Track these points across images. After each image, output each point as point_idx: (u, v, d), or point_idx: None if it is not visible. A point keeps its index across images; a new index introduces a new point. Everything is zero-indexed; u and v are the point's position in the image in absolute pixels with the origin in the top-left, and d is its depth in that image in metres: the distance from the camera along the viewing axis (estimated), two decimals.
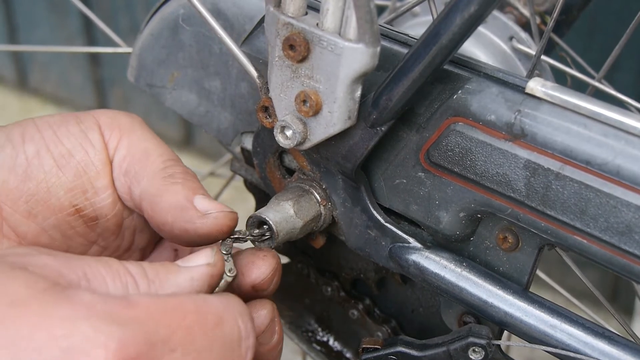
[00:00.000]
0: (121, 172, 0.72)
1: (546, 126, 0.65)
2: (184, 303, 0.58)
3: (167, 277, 0.62)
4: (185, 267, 0.63)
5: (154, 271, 0.61)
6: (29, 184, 0.70)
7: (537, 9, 0.94)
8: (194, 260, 0.64)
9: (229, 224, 0.69)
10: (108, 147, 0.72)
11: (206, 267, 0.64)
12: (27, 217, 0.70)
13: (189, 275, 0.63)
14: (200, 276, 0.63)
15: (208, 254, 0.64)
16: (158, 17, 0.86)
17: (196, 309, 0.58)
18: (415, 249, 0.74)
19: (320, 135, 0.70)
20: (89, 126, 0.73)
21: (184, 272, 0.63)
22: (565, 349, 0.68)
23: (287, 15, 0.68)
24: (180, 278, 0.62)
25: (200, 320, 0.58)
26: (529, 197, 0.66)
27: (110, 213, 0.73)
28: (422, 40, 0.65)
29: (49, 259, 0.58)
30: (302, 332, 0.93)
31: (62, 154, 0.71)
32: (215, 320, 0.59)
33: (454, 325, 0.78)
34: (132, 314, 0.55)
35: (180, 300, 0.58)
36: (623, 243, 0.63)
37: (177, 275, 0.62)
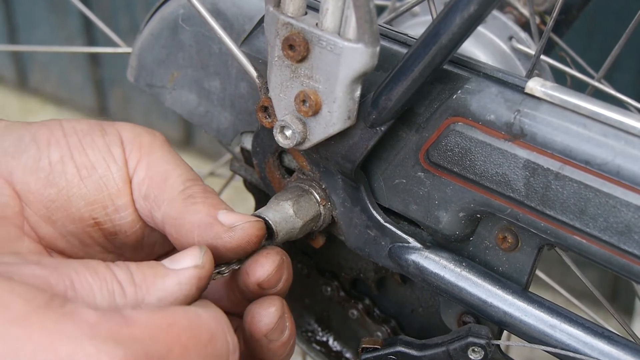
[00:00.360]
0: (140, 195, 0.71)
1: (546, 126, 0.65)
2: (179, 321, 0.58)
3: (155, 282, 0.61)
4: (172, 271, 0.62)
5: (141, 275, 0.61)
6: (50, 190, 0.69)
7: (537, 8, 0.94)
8: (182, 262, 0.63)
9: (257, 234, 0.68)
10: (128, 165, 0.72)
11: (194, 269, 0.62)
12: (46, 221, 0.70)
13: (176, 280, 0.62)
14: (188, 280, 0.62)
15: (196, 254, 0.63)
16: (158, 17, 0.86)
17: (190, 326, 0.58)
18: (414, 249, 0.74)
19: (320, 135, 0.70)
20: (113, 140, 0.72)
21: (171, 276, 0.62)
22: (564, 349, 0.68)
23: (287, 15, 0.68)
24: (167, 282, 0.61)
25: (194, 337, 0.58)
26: (529, 197, 0.66)
27: (130, 230, 0.73)
28: (421, 40, 0.65)
29: (36, 268, 0.57)
30: (301, 332, 0.93)
31: (85, 165, 0.70)
32: (208, 336, 0.59)
33: (453, 325, 0.78)
34: (132, 332, 0.55)
35: (175, 318, 0.57)
36: (622, 243, 0.63)
37: (164, 280, 0.61)
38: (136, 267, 0.61)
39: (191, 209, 0.69)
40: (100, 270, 0.59)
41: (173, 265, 0.63)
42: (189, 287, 0.62)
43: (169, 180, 0.71)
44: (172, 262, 0.63)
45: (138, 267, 0.61)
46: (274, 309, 0.68)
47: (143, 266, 0.62)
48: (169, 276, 0.62)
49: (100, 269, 0.59)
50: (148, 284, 0.61)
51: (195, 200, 0.69)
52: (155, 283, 0.61)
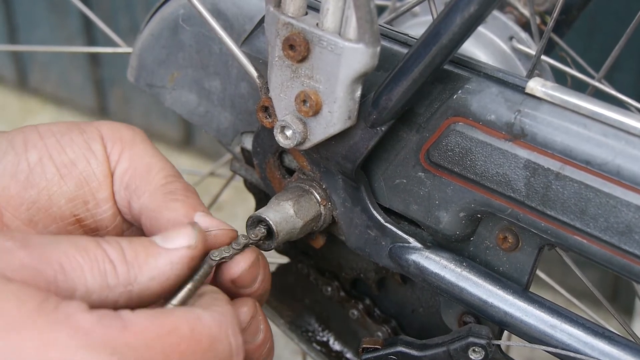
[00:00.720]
0: (122, 185, 0.72)
1: (546, 126, 0.65)
2: (179, 326, 0.57)
3: (147, 260, 0.60)
4: (165, 250, 0.62)
5: (133, 253, 0.60)
6: (31, 191, 0.69)
7: (537, 8, 0.94)
8: (174, 240, 0.62)
9: (227, 242, 0.68)
10: (110, 159, 0.72)
11: (187, 250, 0.62)
12: (27, 224, 0.69)
13: (168, 259, 0.61)
14: (180, 259, 0.62)
15: (190, 234, 0.63)
16: (158, 17, 0.86)
17: (191, 333, 0.57)
18: (415, 249, 0.74)
19: (320, 135, 0.70)
20: (92, 137, 0.72)
21: (163, 255, 0.61)
22: (565, 349, 0.68)
23: (287, 15, 0.68)
24: (160, 261, 0.61)
25: (194, 344, 0.57)
26: (529, 197, 0.66)
27: (110, 225, 0.72)
28: (422, 40, 0.65)
29: (24, 255, 0.56)
30: (302, 332, 0.93)
31: (65, 163, 0.71)
32: (209, 341, 0.58)
33: (454, 325, 0.78)
34: (128, 340, 0.54)
35: (175, 324, 0.57)
36: (623, 243, 0.63)
37: (156, 259, 0.61)
38: (128, 243, 0.60)
39: (170, 206, 0.69)
40: (90, 249, 0.58)
41: (165, 244, 0.62)
42: (180, 267, 0.62)
43: (152, 172, 0.71)
44: (164, 240, 0.63)
45: (130, 243, 0.61)
46: (246, 309, 0.67)
47: (135, 243, 0.61)
48: (161, 255, 0.61)
49: (90, 248, 0.58)
50: (140, 262, 0.60)
51: (176, 197, 0.69)
52: (148, 262, 0.60)
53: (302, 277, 0.93)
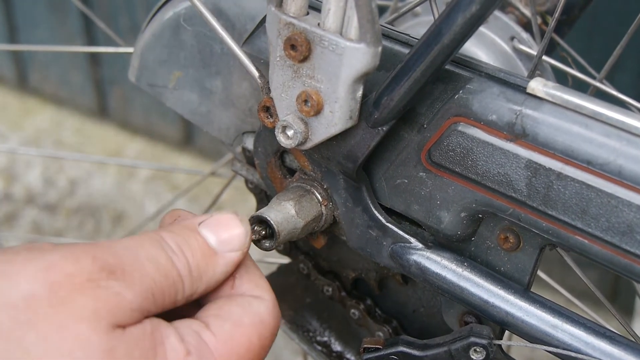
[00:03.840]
0: None
1: (547, 126, 0.65)
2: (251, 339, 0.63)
3: (207, 270, 0.63)
4: (221, 257, 0.64)
5: (196, 265, 0.63)
6: None
7: (539, 9, 0.94)
8: (229, 243, 0.65)
9: None
10: None
11: (239, 254, 0.65)
12: None
13: (225, 268, 0.64)
14: (234, 265, 0.65)
15: (242, 237, 0.65)
16: (159, 17, 0.86)
17: (259, 340, 0.63)
18: (416, 249, 0.74)
19: (322, 135, 0.70)
20: None
21: (221, 263, 0.64)
22: (566, 349, 0.68)
23: (289, 15, 0.68)
24: (217, 270, 0.64)
25: (262, 345, 0.64)
26: (530, 197, 0.66)
27: None
28: (423, 40, 0.65)
29: (131, 297, 0.58)
30: (303, 332, 0.93)
31: None
32: (271, 337, 0.65)
33: (455, 325, 0.78)
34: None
35: (248, 337, 0.63)
36: (624, 243, 0.63)
37: (215, 268, 0.64)
38: (190, 253, 0.63)
39: None
40: (167, 270, 0.61)
41: (221, 247, 0.65)
42: (231, 271, 0.65)
43: None
44: (219, 242, 0.65)
45: (192, 253, 0.63)
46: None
47: (195, 250, 0.63)
48: (219, 264, 0.64)
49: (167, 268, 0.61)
50: (201, 273, 0.63)
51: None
52: (207, 272, 0.64)
53: (303, 277, 0.93)
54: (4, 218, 2.51)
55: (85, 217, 2.53)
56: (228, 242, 0.65)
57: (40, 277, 0.55)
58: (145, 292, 0.58)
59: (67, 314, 0.55)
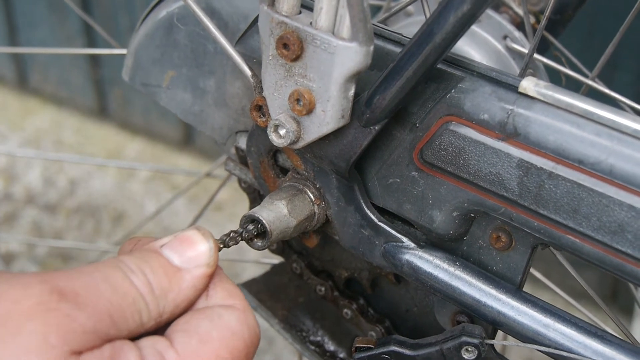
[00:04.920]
0: None
1: (539, 125, 0.65)
2: (220, 354, 0.60)
3: (171, 288, 0.61)
4: (186, 272, 0.62)
5: (158, 283, 0.61)
6: None
7: (532, 8, 0.94)
8: (194, 260, 0.63)
9: None
10: None
11: (206, 269, 0.63)
12: None
13: (191, 284, 0.62)
14: (202, 282, 0.63)
15: (206, 251, 0.63)
16: (153, 16, 0.86)
17: (230, 354, 0.60)
18: (408, 248, 0.74)
19: (314, 134, 0.70)
20: None
21: (186, 279, 0.62)
22: (558, 349, 0.67)
23: (281, 14, 0.68)
24: (183, 286, 0.62)
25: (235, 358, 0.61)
26: (522, 197, 0.66)
27: None
28: (415, 39, 0.65)
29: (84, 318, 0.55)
30: (296, 332, 0.93)
31: None
32: (247, 349, 0.62)
33: (447, 324, 0.77)
34: None
35: (215, 352, 0.60)
36: (615, 242, 0.62)
37: (180, 284, 0.62)
38: (150, 271, 0.61)
39: None
40: (126, 290, 0.58)
41: (185, 264, 0.63)
42: (202, 287, 0.63)
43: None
44: (182, 260, 0.63)
45: (152, 271, 0.61)
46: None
47: (155, 268, 0.61)
48: (184, 280, 0.62)
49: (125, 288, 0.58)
50: (165, 291, 0.61)
51: None
52: (172, 289, 0.61)
53: (296, 276, 0.93)
54: (4, 218, 2.51)
55: (85, 217, 2.53)
56: (193, 258, 0.63)
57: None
58: (101, 314, 0.56)
59: (16, 346, 0.52)
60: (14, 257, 2.33)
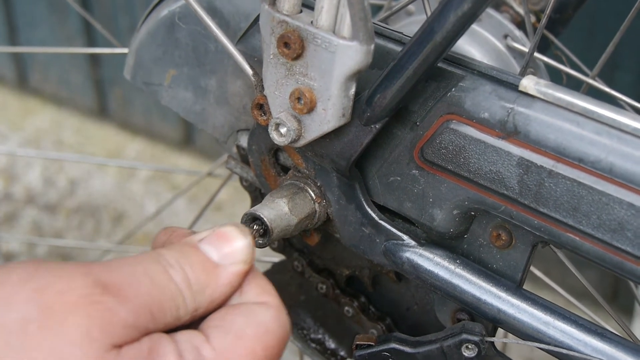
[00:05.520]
0: None
1: (539, 124, 0.65)
2: (255, 351, 0.60)
3: (209, 284, 0.61)
4: (223, 269, 0.62)
5: (196, 278, 0.61)
6: None
7: (533, 7, 0.94)
8: (231, 256, 0.63)
9: None
10: None
11: (243, 266, 0.63)
12: None
13: (227, 280, 0.62)
14: (238, 278, 0.63)
15: (244, 248, 0.64)
16: (154, 15, 0.86)
17: (264, 351, 0.61)
18: (409, 246, 0.75)
19: (315, 133, 0.70)
20: None
21: (222, 276, 0.62)
22: (558, 346, 0.68)
23: (282, 13, 0.68)
24: (220, 283, 0.62)
25: (268, 356, 0.61)
26: (522, 195, 0.66)
27: None
28: (416, 38, 0.65)
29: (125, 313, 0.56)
30: (297, 330, 0.93)
31: None
32: (279, 346, 0.63)
33: (448, 322, 0.78)
34: None
35: (251, 349, 0.60)
36: (615, 240, 0.63)
37: (217, 281, 0.62)
38: (189, 266, 0.61)
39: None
40: (165, 285, 0.59)
41: (223, 259, 0.63)
42: (237, 284, 0.63)
43: None
44: (220, 255, 0.63)
45: (191, 266, 0.61)
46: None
47: (194, 263, 0.61)
48: (220, 276, 0.62)
49: (165, 283, 0.59)
50: (203, 286, 0.61)
51: None
52: (209, 285, 0.61)
53: (297, 274, 0.93)
54: (4, 218, 2.51)
55: (85, 217, 2.53)
56: (231, 255, 0.63)
57: (33, 298, 0.54)
58: (141, 308, 0.57)
59: (60, 338, 0.53)
60: (14, 257, 2.33)
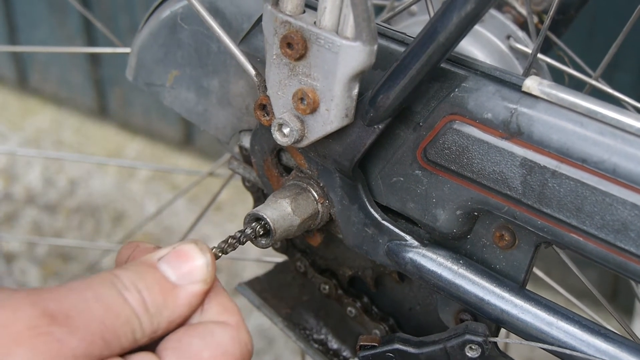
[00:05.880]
0: None
1: (542, 124, 0.65)
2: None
3: (166, 304, 0.60)
4: (181, 289, 0.61)
5: (152, 300, 0.59)
6: None
7: (535, 8, 0.94)
8: (188, 276, 0.61)
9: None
10: None
11: (202, 285, 0.62)
12: None
13: (186, 301, 0.61)
14: (198, 299, 0.62)
15: (204, 270, 0.62)
16: (156, 16, 0.86)
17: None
18: (412, 247, 0.75)
19: (318, 133, 0.70)
20: None
21: (181, 296, 0.61)
22: (561, 347, 0.68)
23: (285, 13, 0.68)
24: (178, 303, 0.61)
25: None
26: (526, 195, 0.66)
27: None
28: (419, 39, 0.65)
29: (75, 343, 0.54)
30: (299, 330, 0.93)
31: None
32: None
33: (451, 322, 0.78)
34: None
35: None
36: (619, 241, 0.63)
37: (175, 301, 0.60)
38: (145, 287, 0.59)
39: None
40: (120, 309, 0.57)
41: (181, 279, 0.61)
42: (197, 304, 0.62)
43: None
44: (178, 275, 0.61)
45: (147, 287, 0.59)
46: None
47: (150, 283, 0.60)
48: (179, 297, 0.61)
49: (119, 307, 0.57)
50: (160, 308, 0.59)
51: None
52: (167, 305, 0.60)
53: (300, 275, 0.93)
54: (4, 218, 2.51)
55: (85, 217, 2.53)
56: (189, 274, 0.61)
57: None
58: (93, 336, 0.55)
59: None
60: (14, 257, 2.33)
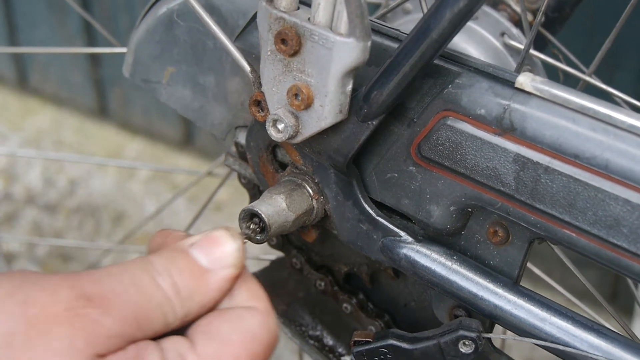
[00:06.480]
0: None
1: (535, 120, 0.65)
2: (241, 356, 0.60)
3: (198, 290, 0.62)
4: (212, 274, 0.62)
5: (184, 285, 0.61)
6: None
7: (530, 6, 0.94)
8: (220, 260, 0.63)
9: None
10: None
11: (233, 270, 0.63)
12: None
13: (217, 286, 0.63)
14: (228, 284, 0.63)
15: (233, 251, 0.64)
16: (153, 12, 0.87)
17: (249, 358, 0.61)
18: (406, 243, 0.75)
19: (312, 129, 0.71)
20: None
21: (212, 281, 0.62)
22: (554, 342, 0.68)
23: (279, 9, 0.68)
24: (210, 288, 0.62)
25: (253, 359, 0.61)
26: (519, 191, 0.66)
27: None
28: (412, 35, 0.65)
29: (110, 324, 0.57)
30: (295, 327, 0.93)
31: None
32: (265, 352, 0.62)
33: (445, 318, 0.78)
34: None
35: (235, 356, 0.60)
36: (611, 236, 0.63)
37: (207, 286, 0.62)
38: (178, 272, 0.61)
39: None
40: (153, 293, 0.59)
41: (212, 264, 0.63)
42: (227, 288, 0.63)
43: None
44: (209, 260, 0.63)
45: (179, 273, 0.61)
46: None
47: (182, 269, 0.62)
48: (210, 283, 0.62)
49: (152, 292, 0.59)
50: (191, 293, 0.61)
51: None
52: (199, 291, 0.62)
53: (296, 271, 0.93)
54: (4, 218, 2.52)
55: (85, 217, 2.53)
56: (220, 259, 0.63)
57: (18, 312, 0.55)
58: (127, 318, 0.57)
59: (44, 350, 0.54)
60: (14, 257, 2.33)
